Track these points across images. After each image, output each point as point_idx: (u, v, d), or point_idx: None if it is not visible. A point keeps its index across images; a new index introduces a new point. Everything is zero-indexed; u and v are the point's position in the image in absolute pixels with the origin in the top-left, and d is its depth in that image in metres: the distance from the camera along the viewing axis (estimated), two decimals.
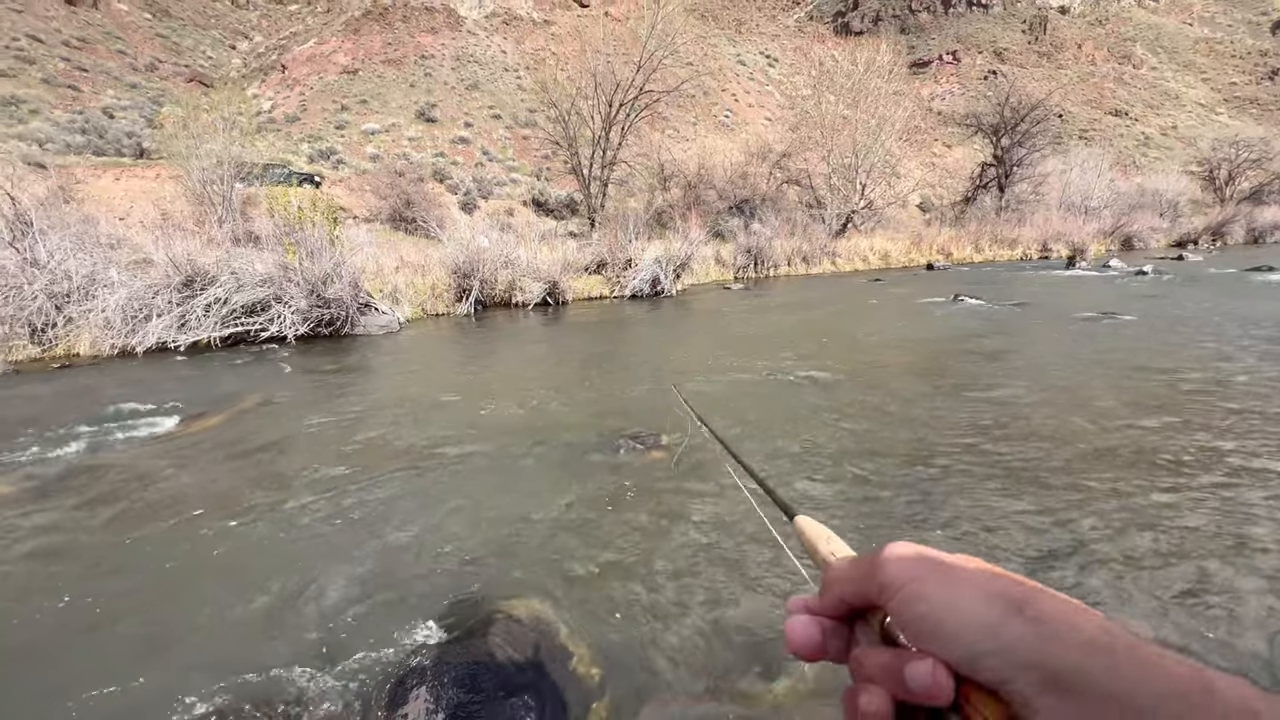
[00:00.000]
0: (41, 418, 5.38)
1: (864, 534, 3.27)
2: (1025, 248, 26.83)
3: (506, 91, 53.16)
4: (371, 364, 7.99)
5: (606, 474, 4.09)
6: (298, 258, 9.07)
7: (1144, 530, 3.21)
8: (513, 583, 2.87)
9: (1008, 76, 64.44)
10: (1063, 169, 35.04)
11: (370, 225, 23.93)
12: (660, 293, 14.47)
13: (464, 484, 3.98)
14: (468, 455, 4.47)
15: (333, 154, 38.18)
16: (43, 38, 47.16)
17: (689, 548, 3.15)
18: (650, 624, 2.58)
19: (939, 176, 55.88)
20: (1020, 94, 33.95)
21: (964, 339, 8.64)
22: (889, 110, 26.51)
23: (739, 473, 0.73)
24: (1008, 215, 30.37)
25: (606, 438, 4.76)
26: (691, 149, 37.17)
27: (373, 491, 3.87)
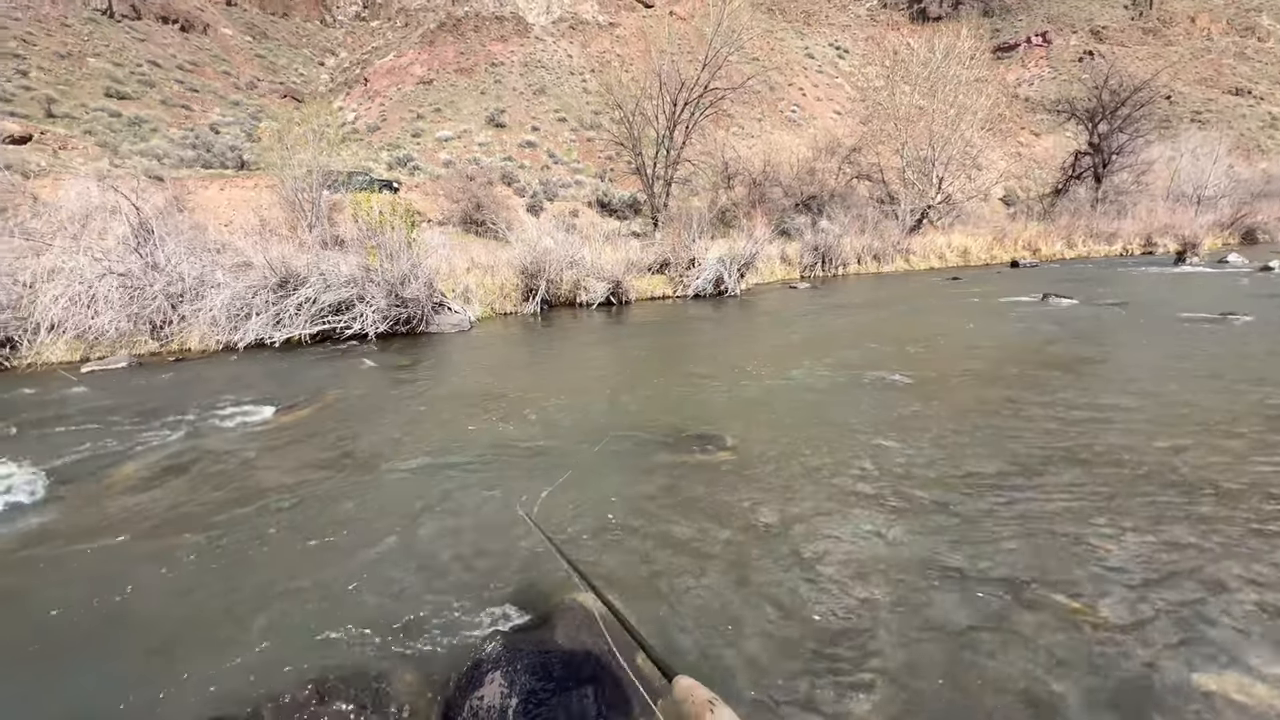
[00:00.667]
0: (162, 406, 5.95)
1: (938, 583, 3.09)
2: (1126, 242, 24.66)
3: (572, 95, 54.15)
4: (445, 360, 8.33)
5: (673, 473, 4.07)
6: (378, 260, 9.59)
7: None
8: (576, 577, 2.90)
9: (1106, 57, 59.39)
10: (1171, 156, 31.93)
11: (443, 228, 25.01)
12: (724, 292, 14.30)
13: (533, 475, 4.07)
14: (536, 448, 4.57)
15: (409, 161, 40.15)
16: (160, 63, 52.22)
17: (759, 552, 3.08)
18: (717, 628, 2.54)
19: (1025, 167, 52.31)
20: (1121, 75, 31.16)
21: (1054, 343, 8.03)
22: (970, 99, 25.03)
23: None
24: (1105, 207, 28.03)
25: (671, 436, 4.74)
26: (757, 145, 36.52)
27: (448, 479, 4.03)
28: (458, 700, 2.22)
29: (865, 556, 3.02)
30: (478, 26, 62.53)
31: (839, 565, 2.95)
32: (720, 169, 30.24)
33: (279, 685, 2.28)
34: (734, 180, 30.33)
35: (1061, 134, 42.07)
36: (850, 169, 29.90)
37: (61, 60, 44.14)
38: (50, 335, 8.25)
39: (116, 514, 3.68)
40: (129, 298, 8.82)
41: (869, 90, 64.81)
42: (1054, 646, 2.37)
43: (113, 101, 41.26)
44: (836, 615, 2.59)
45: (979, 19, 77.16)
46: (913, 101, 27.34)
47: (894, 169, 27.31)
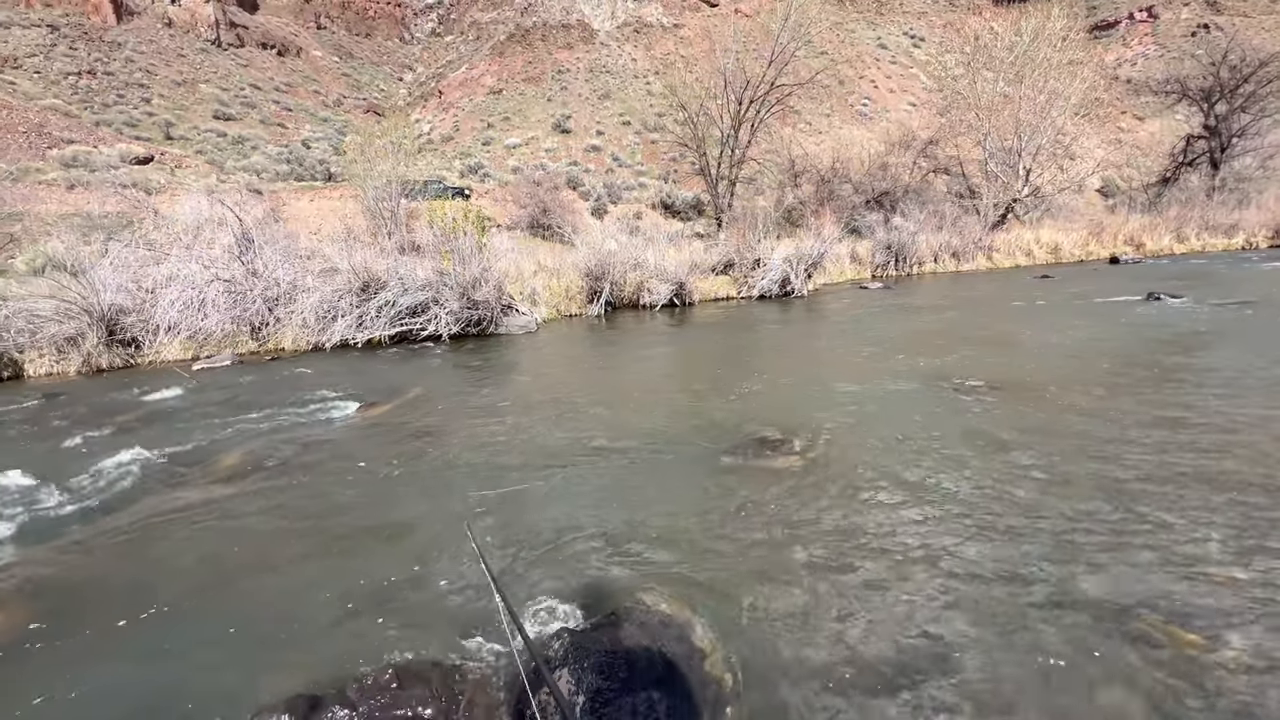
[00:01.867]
0: (261, 400, 6.46)
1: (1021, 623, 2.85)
2: (1249, 235, 22.16)
3: (636, 98, 54.59)
4: (513, 361, 8.57)
5: (737, 478, 4.00)
6: (451, 264, 10.01)
7: None
8: (649, 575, 2.89)
9: (1225, 29, 53.63)
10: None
11: (512, 232, 25.83)
12: (790, 293, 13.96)
13: (600, 476, 4.10)
14: (602, 449, 4.61)
15: (480, 168, 41.73)
16: (260, 85, 56.85)
17: (824, 561, 2.97)
18: (783, 637, 2.45)
19: (1127, 155, 48.08)
20: (1244, 48, 27.99)
21: (1162, 348, 7.30)
22: (1061, 83, 23.24)
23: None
24: (1223, 196, 25.30)
25: (737, 441, 4.65)
26: (825, 142, 35.50)
27: (517, 476, 4.13)
28: (526, 696, 2.26)
29: (941, 578, 2.84)
30: (545, 35, 64.22)
31: (918, 583, 2.79)
32: (787, 167, 29.57)
33: (356, 669, 2.40)
34: (801, 178, 29.57)
35: (1170, 117, 38.30)
36: (926, 163, 28.48)
37: (178, 87, 48.97)
38: (168, 336, 9.14)
39: (222, 498, 4.01)
40: (232, 301, 9.64)
41: (947, 79, 61.49)
42: (1161, 684, 2.13)
43: (220, 123, 45.37)
44: (914, 639, 2.45)
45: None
46: (996, 89, 25.69)
47: (975, 161, 25.76)
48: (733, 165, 22.69)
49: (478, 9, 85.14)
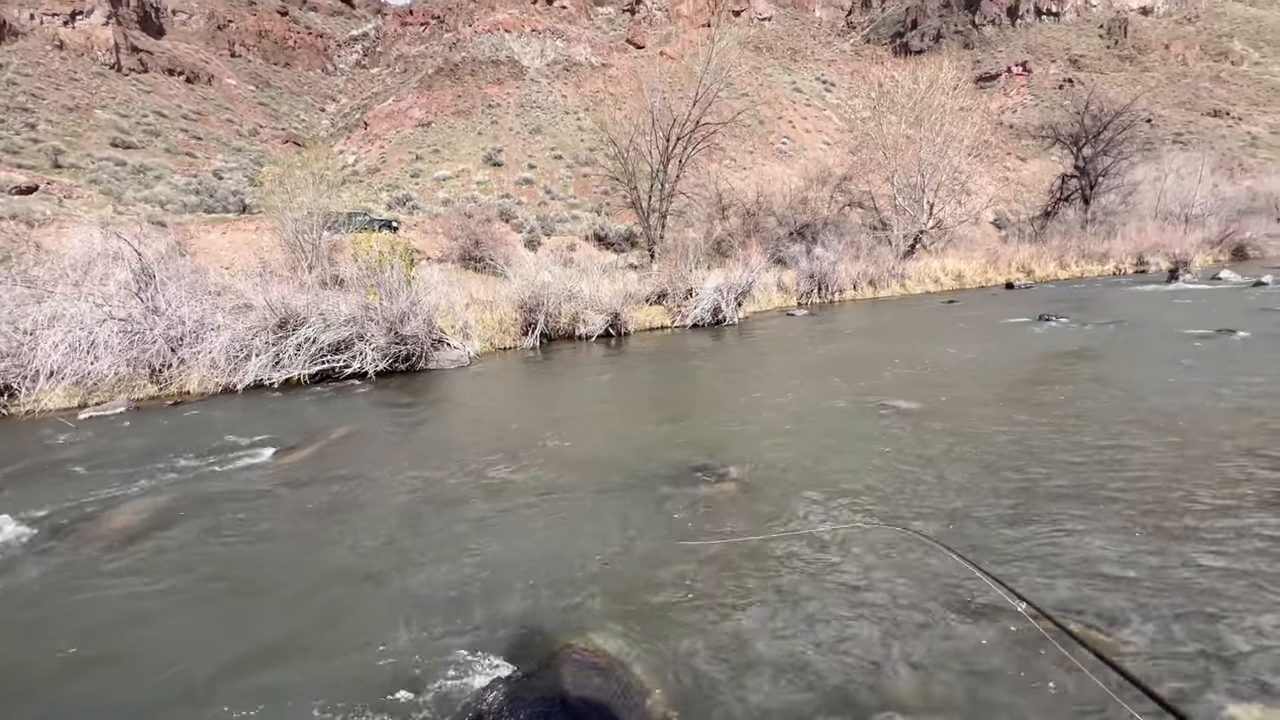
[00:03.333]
0: (160, 450, 5.90)
1: (969, 601, 3.02)
2: (1118, 262, 24.91)
3: (567, 133, 55.45)
4: (444, 397, 8.30)
5: (677, 507, 4.01)
6: (378, 298, 9.65)
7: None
8: (584, 618, 2.82)
9: (1085, 84, 60.99)
10: (1156, 176, 32.54)
11: (442, 265, 25.30)
12: (722, 321, 14.37)
13: (533, 516, 4.00)
14: (535, 487, 4.51)
15: (408, 200, 40.84)
16: (166, 113, 53.56)
17: (764, 587, 3.01)
18: (727, 668, 2.45)
19: (1014, 191, 53.23)
20: (1101, 101, 32.00)
21: (1056, 363, 8.02)
22: (955, 127, 25.62)
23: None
24: (1095, 228, 28.41)
25: (674, 470, 4.68)
26: (750, 177, 37.23)
27: (444, 522, 3.96)
28: None
29: (873, 604, 2.94)
30: (474, 71, 64.46)
31: (855, 609, 2.87)
32: (715, 201, 30.74)
33: None
34: (728, 211, 30.80)
35: (1047, 158, 42.99)
36: (842, 197, 30.41)
37: (69, 113, 45.30)
38: (49, 382, 8.24)
39: (105, 565, 3.60)
40: (129, 342, 8.84)
41: (856, 121, 66.41)
42: (1069, 686, 2.28)
43: (118, 151, 42.18)
44: (853, 664, 2.51)
45: (960, 51, 79.61)
46: (900, 131, 27.98)
47: (885, 196, 27.77)
48: (663, 198, 23.35)
49: (405, 43, 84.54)
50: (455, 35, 71.61)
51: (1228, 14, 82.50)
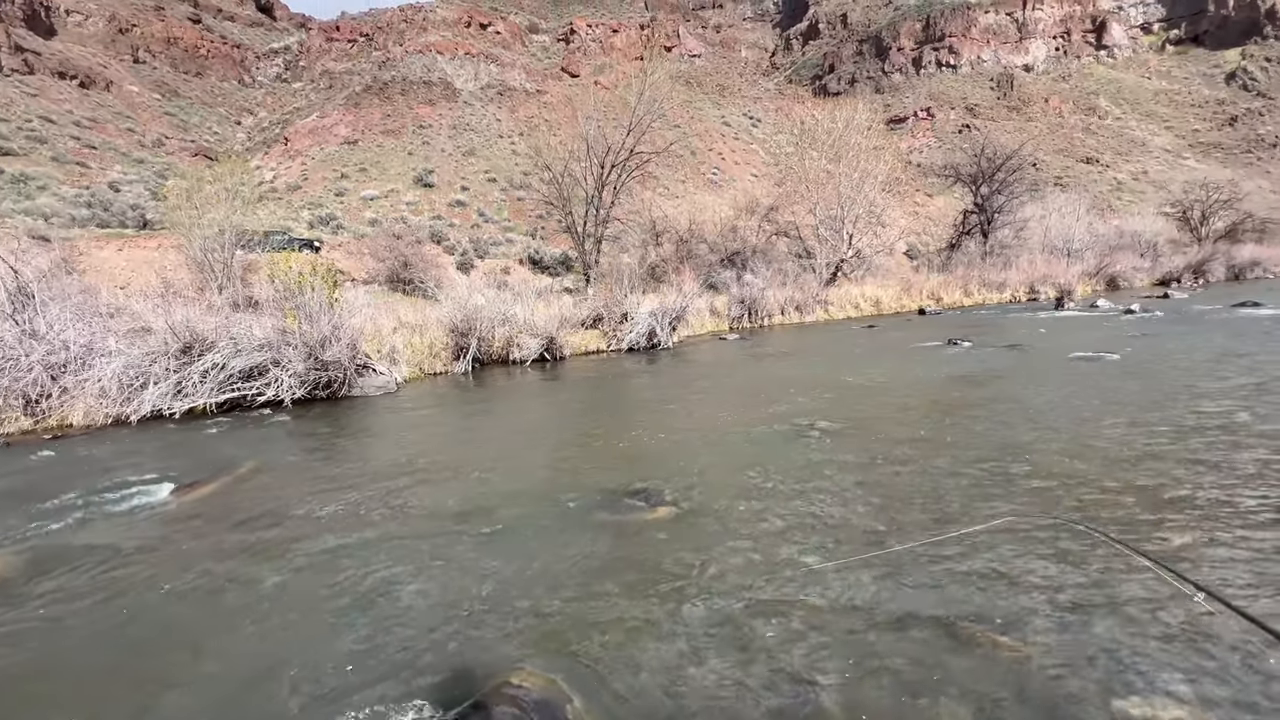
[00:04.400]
0: (31, 491, 5.26)
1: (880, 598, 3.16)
2: (1013, 290, 27.33)
3: (501, 156, 55.18)
4: (368, 426, 7.91)
5: (611, 535, 3.99)
6: (296, 322, 9.13)
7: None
8: (516, 654, 2.74)
9: (981, 130, 67.40)
10: (1042, 214, 36.15)
11: (369, 287, 24.30)
12: (657, 345, 14.56)
13: (463, 550, 3.86)
14: (466, 519, 4.36)
15: (332, 219, 39.16)
16: (54, 119, 49.05)
17: (699, 613, 3.04)
18: (664, 698, 2.44)
19: (923, 224, 57.50)
20: (994, 145, 35.44)
21: (962, 384, 8.66)
22: (870, 164, 27.55)
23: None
24: (993, 259, 31.10)
25: (609, 497, 4.67)
26: (682, 205, 38.31)
27: (366, 560, 3.75)
28: None
29: (802, 602, 3.04)
30: (405, 90, 63.24)
31: (789, 630, 2.95)
32: (649, 227, 31.37)
33: None
34: (662, 238, 31.48)
35: (950, 195, 46.92)
36: (769, 226, 31.82)
37: None
38: None
39: None
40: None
41: (781, 155, 70.06)
42: (981, 684, 2.43)
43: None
44: (787, 687, 2.57)
45: (872, 95, 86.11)
46: (821, 166, 29.77)
47: (809, 226, 29.32)
48: (598, 224, 23.60)
49: (330, 59, 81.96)
50: (385, 54, 70.21)
51: (1094, 75, 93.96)
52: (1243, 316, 14.94)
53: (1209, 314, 16.14)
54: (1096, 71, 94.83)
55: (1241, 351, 9.69)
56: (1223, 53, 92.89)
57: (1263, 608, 2.82)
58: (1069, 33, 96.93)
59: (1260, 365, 8.46)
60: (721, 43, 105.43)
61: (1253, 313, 15.50)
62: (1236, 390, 7.02)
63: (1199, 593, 1.59)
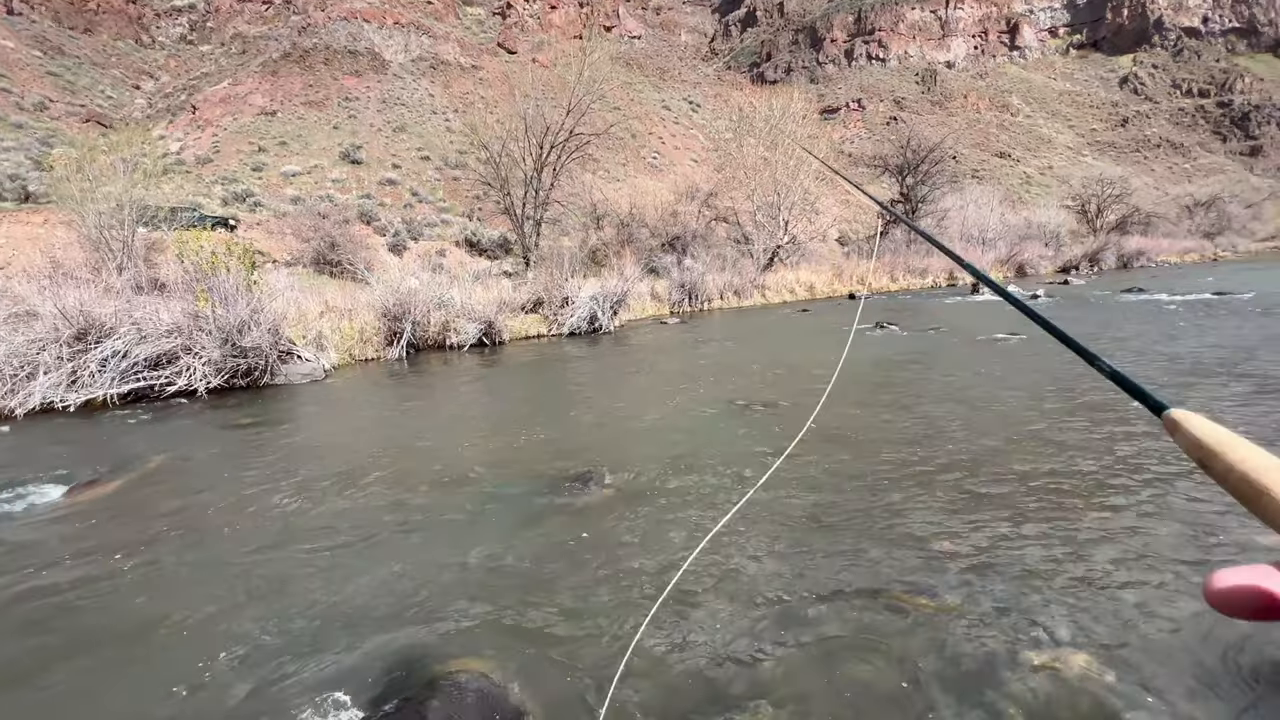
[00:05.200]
0: None
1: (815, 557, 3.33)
2: (935, 276, 28.96)
3: (435, 134, 52.91)
4: (293, 415, 7.52)
5: (552, 519, 3.99)
6: (210, 305, 8.50)
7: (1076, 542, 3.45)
8: (456, 643, 2.71)
9: (907, 122, 70.53)
10: (961, 205, 38.36)
11: (292, 269, 22.85)
12: (598, 329, 14.52)
13: (397, 539, 3.76)
14: (401, 506, 4.25)
15: (249, 196, 36.50)
16: None
17: (642, 595, 3.10)
18: (606, 681, 2.49)
19: (854, 212, 59.77)
20: (919, 138, 37.21)
21: (893, 363, 9.14)
22: (805, 152, 28.31)
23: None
24: (916, 247, 32.77)
25: (550, 481, 4.66)
26: (623, 189, 38.11)
27: (291, 556, 3.59)
28: None
29: (744, 598, 3.16)
30: (328, 60, 59.27)
31: (728, 606, 3.06)
32: (590, 210, 31.06)
33: None
34: (603, 221, 31.26)
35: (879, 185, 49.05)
36: (709, 212, 32.20)
37: None
38: None
39: None
40: None
41: (720, 141, 70.78)
42: (910, 641, 2.63)
43: None
44: (729, 662, 2.67)
45: (807, 85, 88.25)
46: (758, 153, 30.33)
47: (747, 212, 29.89)
48: (537, 206, 23.14)
49: (243, 21, 75.63)
50: (305, 19, 65.50)
51: (1007, 74, 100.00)
52: (1128, 301, 16.50)
53: (1102, 299, 17.72)
54: (1010, 71, 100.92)
55: (1126, 334, 10.71)
56: (1117, 58, 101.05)
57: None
58: (986, 32, 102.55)
59: (1148, 348, 9.39)
60: (661, 25, 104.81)
61: (1137, 298, 17.14)
62: (1118, 362, 7.77)
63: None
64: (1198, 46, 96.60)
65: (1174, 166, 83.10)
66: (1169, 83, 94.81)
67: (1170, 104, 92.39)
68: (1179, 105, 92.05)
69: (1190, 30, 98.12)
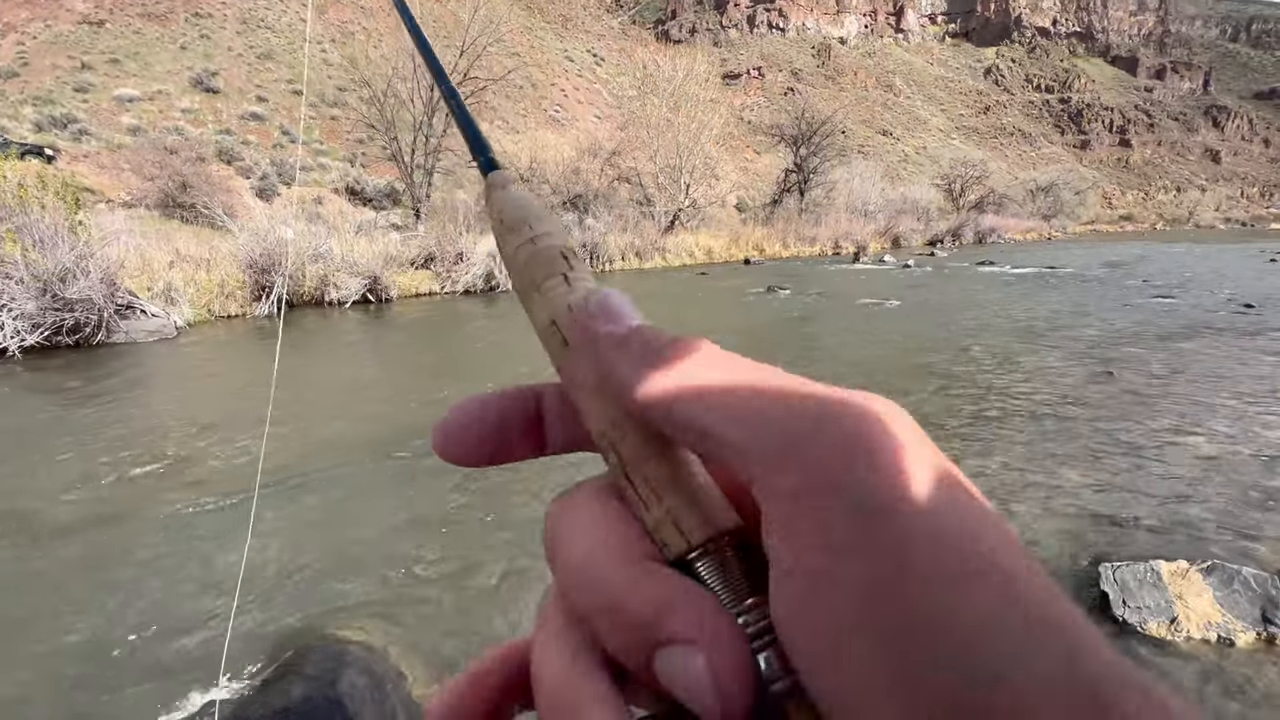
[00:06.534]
0: None
1: None
2: (822, 245, 30.80)
3: (309, 65, 47.29)
4: (136, 377, 6.64)
5: (430, 481, 3.89)
6: (19, 249, 7.18)
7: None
8: (333, 611, 2.60)
9: (803, 94, 73.18)
10: (847, 178, 40.80)
11: (133, 211, 19.76)
12: (495, 288, 14.03)
13: (259, 510, 3.50)
14: (263, 477, 3.94)
15: (72, 122, 30.94)
16: None
17: (521, 548, 3.13)
18: (491, 632, 2.51)
19: (751, 180, 61.69)
20: (813, 110, 38.81)
21: (784, 324, 9.70)
22: (706, 116, 28.61)
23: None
24: (807, 216, 34.58)
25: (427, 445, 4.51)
26: (523, 142, 36.48)
27: (138, 532, 3.24)
28: None
29: None
30: None
31: None
32: None
33: None
34: None
35: (775, 154, 50.83)
36: (612, 171, 31.79)
37: None
38: None
39: None
40: None
41: (624, 99, 69.55)
42: None
43: None
44: None
45: (710, 48, 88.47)
46: (662, 113, 30.19)
47: (649, 174, 29.86)
48: (428, 154, 21.62)
49: None
50: None
51: (891, 55, 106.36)
52: (983, 273, 18.60)
53: (961, 270, 19.81)
54: (894, 52, 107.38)
55: (982, 302, 12.11)
56: (984, 50, 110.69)
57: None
58: (876, 12, 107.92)
59: (1000, 312, 10.68)
60: None
61: (989, 269, 19.37)
62: (970, 325, 8.82)
63: None
64: (1047, 46, 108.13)
65: (1023, 154, 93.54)
66: (1023, 77, 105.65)
67: (1023, 96, 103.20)
68: (1029, 98, 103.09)
69: (1042, 30, 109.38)
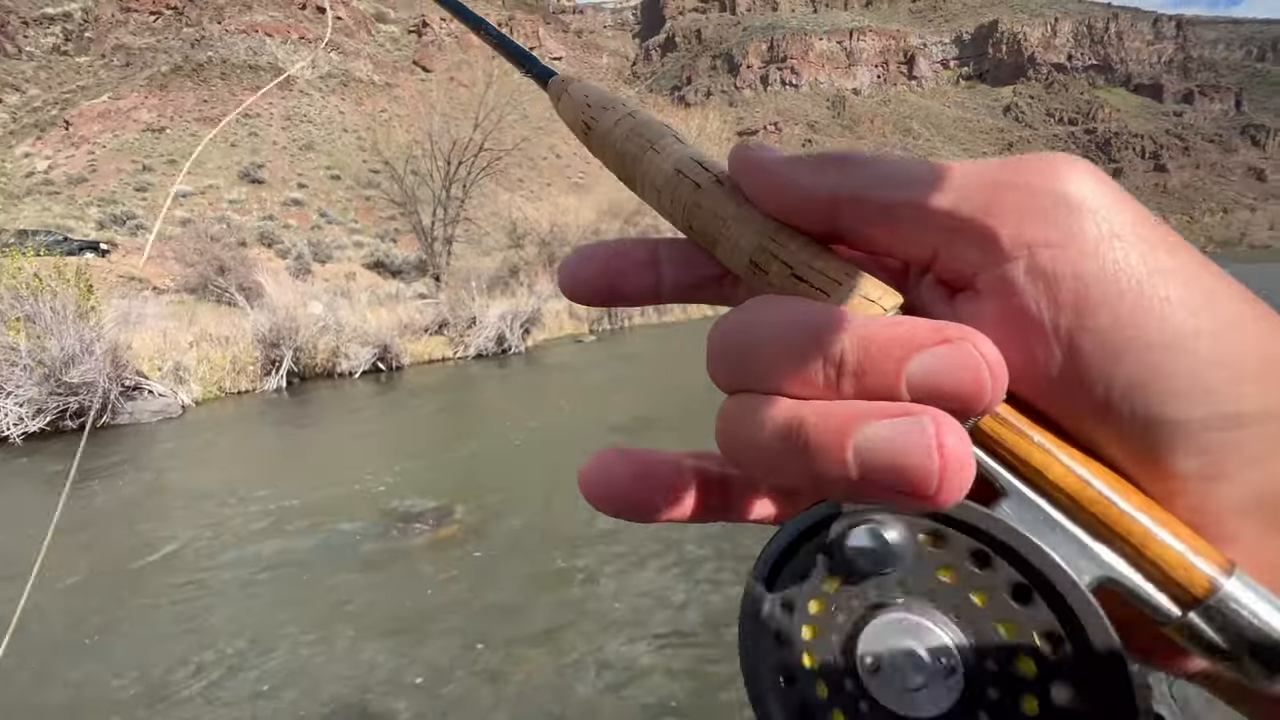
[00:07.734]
0: None
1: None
2: None
3: (346, 152, 50.73)
4: (124, 461, 6.51)
5: (380, 566, 3.45)
6: (23, 336, 7.33)
7: None
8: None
9: (820, 145, 74.55)
10: None
11: (173, 296, 20.84)
12: (508, 350, 13.90)
13: (241, 602, 3.12)
14: (247, 562, 3.58)
15: (130, 218, 33.49)
16: None
17: (457, 644, 2.64)
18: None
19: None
20: None
21: None
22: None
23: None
24: None
25: (393, 522, 4.11)
26: (543, 208, 37.71)
27: (120, 621, 2.88)
28: None
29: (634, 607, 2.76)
30: (225, 74, 55.89)
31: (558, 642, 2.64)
32: (509, 229, 30.41)
33: None
34: (524, 240, 30.68)
35: None
36: (632, 230, 32.32)
37: None
38: None
39: None
40: None
41: None
42: None
43: None
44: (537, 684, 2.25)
45: (725, 108, 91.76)
46: None
47: (668, 230, 30.17)
48: (447, 224, 22.34)
49: (128, 32, 70.22)
50: (199, 31, 61.65)
51: (907, 101, 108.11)
52: None
53: None
54: (909, 99, 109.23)
55: None
56: (999, 89, 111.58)
57: None
58: (887, 63, 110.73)
59: None
60: (583, 47, 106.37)
61: None
62: None
63: None
64: (1065, 80, 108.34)
65: None
66: (1044, 111, 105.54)
67: (1046, 130, 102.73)
68: (1053, 132, 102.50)
69: (1058, 65, 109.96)
